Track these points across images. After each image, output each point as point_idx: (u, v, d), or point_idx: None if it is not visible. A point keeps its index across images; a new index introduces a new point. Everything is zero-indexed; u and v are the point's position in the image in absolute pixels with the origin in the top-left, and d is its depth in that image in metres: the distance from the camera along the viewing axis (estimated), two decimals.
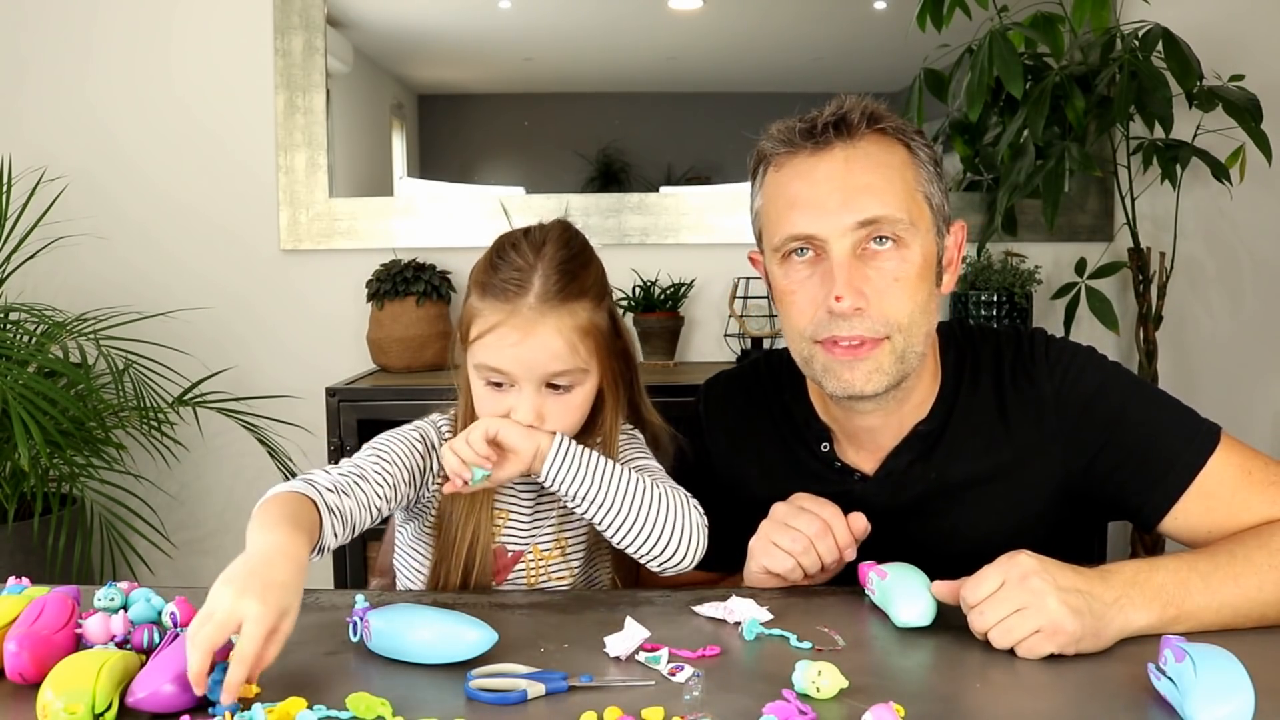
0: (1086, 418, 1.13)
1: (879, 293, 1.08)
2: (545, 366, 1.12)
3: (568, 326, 1.12)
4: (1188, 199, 2.31)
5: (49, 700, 0.77)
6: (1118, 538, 2.30)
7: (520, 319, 1.11)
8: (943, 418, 1.18)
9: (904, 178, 1.10)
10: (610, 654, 0.91)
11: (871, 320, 1.08)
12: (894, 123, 1.12)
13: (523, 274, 1.12)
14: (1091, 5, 2.09)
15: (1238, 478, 1.08)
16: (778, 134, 1.13)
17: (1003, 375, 1.17)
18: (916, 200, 1.10)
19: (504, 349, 1.12)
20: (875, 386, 1.10)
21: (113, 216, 2.44)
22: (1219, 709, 0.75)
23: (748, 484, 1.24)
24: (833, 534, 1.07)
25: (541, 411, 1.13)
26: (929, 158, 1.13)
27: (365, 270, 2.31)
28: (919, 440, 1.18)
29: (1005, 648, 0.90)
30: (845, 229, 1.07)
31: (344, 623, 0.96)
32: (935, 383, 1.19)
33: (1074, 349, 1.18)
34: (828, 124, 1.09)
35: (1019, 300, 2.25)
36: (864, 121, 1.09)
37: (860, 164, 1.09)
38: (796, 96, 2.51)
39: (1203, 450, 1.08)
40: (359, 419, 2.04)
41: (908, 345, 1.10)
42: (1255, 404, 2.47)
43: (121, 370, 2.18)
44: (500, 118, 2.56)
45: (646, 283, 2.36)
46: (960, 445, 1.17)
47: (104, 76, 2.44)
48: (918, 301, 1.09)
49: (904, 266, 1.08)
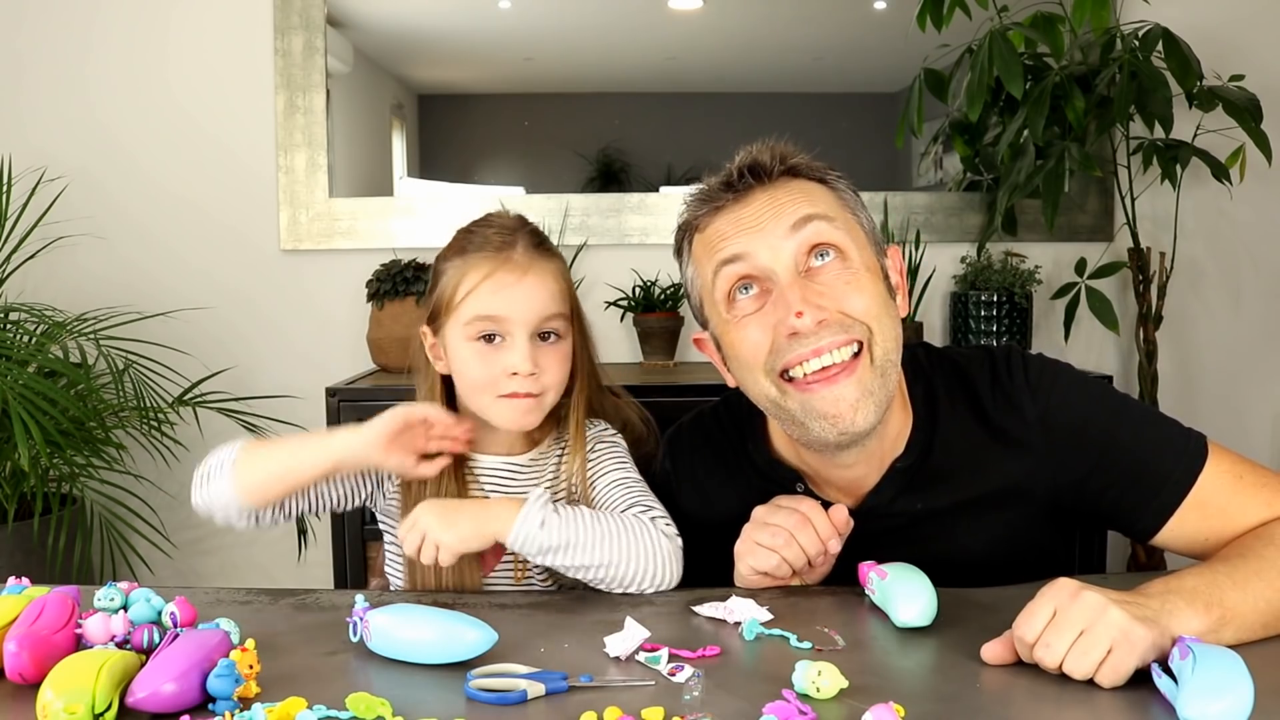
0: (1074, 441, 1.11)
1: (837, 298, 1.05)
2: (543, 307, 1.17)
3: (555, 273, 1.20)
4: (1188, 199, 2.31)
5: (49, 700, 0.77)
6: (1116, 552, 2.29)
7: (514, 264, 1.18)
8: (921, 451, 1.15)
9: (828, 202, 1.10)
10: (610, 654, 0.91)
11: (837, 325, 1.04)
12: (808, 164, 1.12)
13: (506, 231, 1.20)
14: (1091, 5, 2.09)
15: (1230, 485, 1.07)
16: (696, 197, 1.14)
17: (981, 400, 1.15)
18: (847, 218, 1.10)
19: (501, 292, 1.17)
20: (866, 415, 1.05)
21: (113, 216, 2.44)
22: (1213, 705, 0.75)
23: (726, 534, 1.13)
24: (812, 525, 1.07)
25: (538, 360, 1.17)
26: (851, 194, 1.14)
27: (365, 270, 2.31)
28: (899, 476, 1.15)
29: (1086, 676, 0.83)
30: (780, 242, 1.05)
31: (344, 623, 0.96)
32: (908, 416, 1.16)
33: (1054, 370, 1.15)
34: (743, 171, 1.10)
35: (1019, 300, 2.25)
36: (777, 162, 1.10)
37: (782, 195, 1.09)
38: (796, 96, 2.54)
39: (1194, 464, 1.08)
40: (359, 419, 2.02)
41: (885, 351, 1.06)
42: (1255, 404, 2.47)
43: (121, 370, 2.18)
44: (500, 118, 2.56)
45: (646, 283, 2.35)
46: (944, 475, 1.14)
47: (104, 76, 2.44)
48: (878, 299, 1.07)
49: (851, 272, 1.06)
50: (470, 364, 1.18)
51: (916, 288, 2.29)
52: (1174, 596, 0.89)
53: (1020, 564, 1.12)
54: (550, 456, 1.26)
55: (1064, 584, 0.88)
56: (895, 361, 1.09)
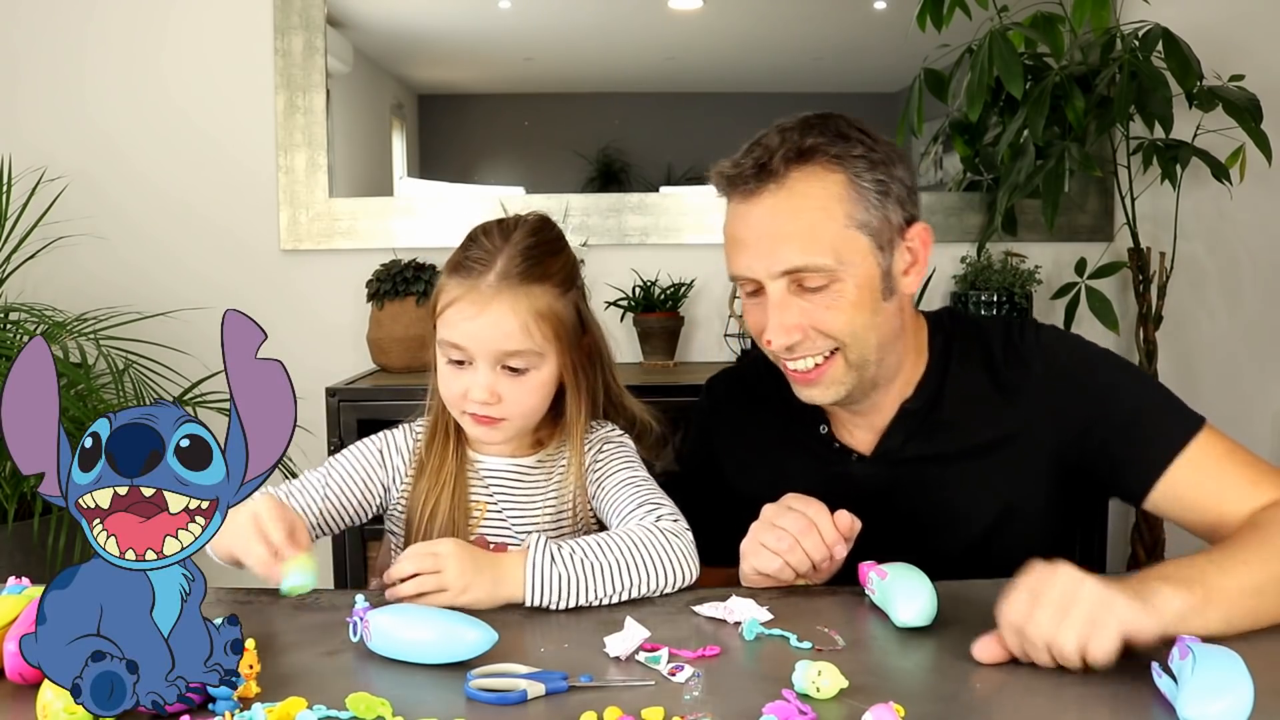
0: (1077, 393, 1.16)
1: (816, 320, 1.13)
2: (498, 344, 1.15)
3: (523, 308, 1.15)
4: (1188, 199, 2.31)
5: (49, 700, 0.77)
6: (1115, 551, 2.30)
7: (477, 294, 1.15)
8: (931, 396, 1.21)
9: (833, 216, 1.11)
10: (610, 654, 0.91)
11: (811, 344, 1.14)
12: (830, 151, 1.12)
13: (488, 254, 1.17)
14: (1091, 5, 2.09)
15: (1222, 457, 1.10)
16: (717, 175, 1.17)
17: (994, 356, 1.21)
18: (847, 235, 1.12)
19: (459, 323, 1.15)
20: (834, 397, 1.17)
21: (113, 216, 2.43)
22: (1213, 705, 0.75)
23: (753, 472, 1.27)
24: (818, 531, 1.07)
25: (497, 391, 1.16)
26: (874, 179, 1.12)
27: (365, 270, 2.31)
28: (910, 418, 1.21)
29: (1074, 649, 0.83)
30: (774, 274, 1.12)
31: (344, 623, 0.96)
32: (921, 364, 1.22)
33: (1063, 332, 1.23)
34: (749, 174, 1.13)
35: (1019, 300, 2.25)
36: (785, 164, 1.11)
37: (785, 210, 1.11)
38: (796, 96, 2.54)
39: (1190, 429, 1.11)
40: (359, 419, 2.04)
41: (860, 356, 1.15)
42: (1255, 404, 2.47)
43: (121, 370, 2.18)
44: (500, 118, 2.56)
45: (646, 283, 2.35)
46: (952, 421, 1.20)
47: (104, 77, 2.44)
48: (859, 320, 1.13)
49: (838, 299, 1.12)
50: (442, 377, 1.20)
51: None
52: (1154, 581, 0.91)
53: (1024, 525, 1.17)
54: (558, 459, 1.26)
55: (1038, 568, 0.90)
56: (874, 359, 1.16)
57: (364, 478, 1.24)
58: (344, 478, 1.23)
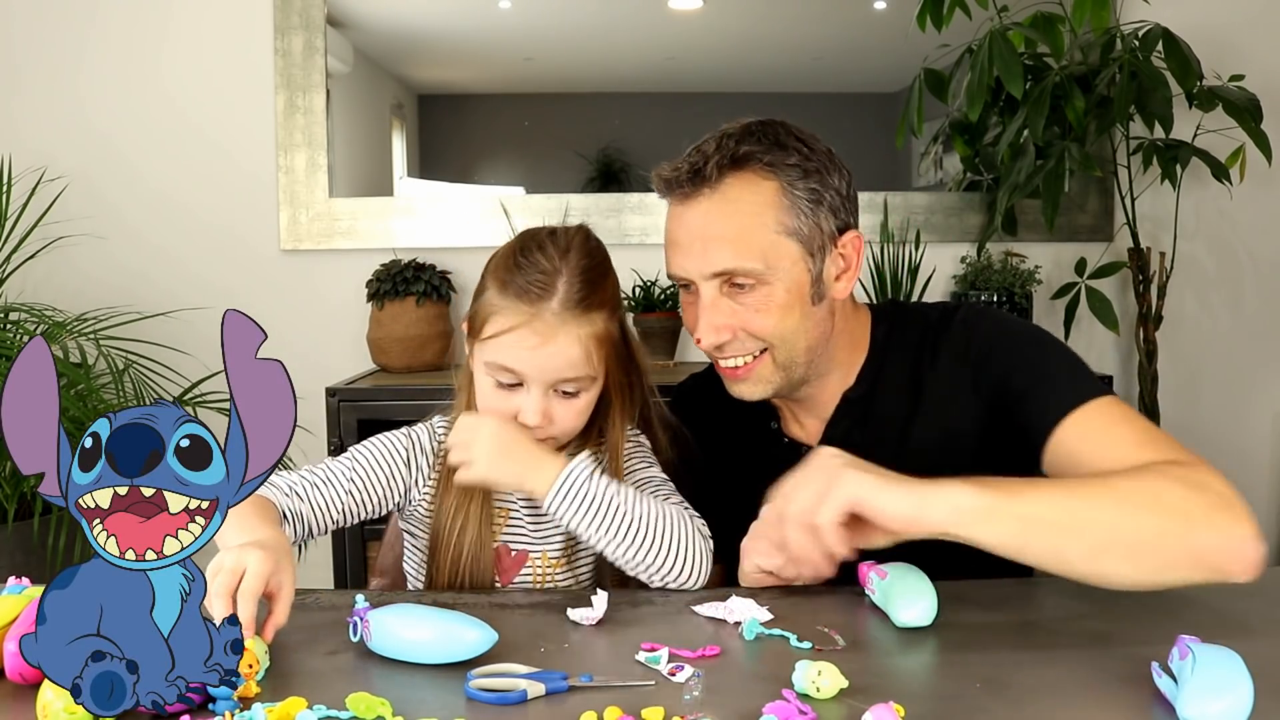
0: (987, 364, 1.18)
1: (745, 322, 1.16)
2: (560, 372, 1.13)
3: (586, 335, 1.13)
4: (1188, 199, 2.31)
5: (49, 700, 0.77)
6: None
7: (542, 324, 1.11)
8: (869, 383, 1.24)
9: (763, 222, 1.14)
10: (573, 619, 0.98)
11: (740, 344, 1.18)
12: (764, 159, 1.14)
13: (548, 277, 1.13)
14: (1091, 5, 2.09)
15: (1117, 421, 1.10)
16: (655, 177, 1.19)
17: (925, 341, 1.24)
18: (777, 241, 1.15)
19: (521, 351, 1.12)
20: (762, 394, 1.21)
21: (112, 217, 2.43)
22: (1213, 705, 0.75)
23: (721, 472, 1.29)
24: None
25: (549, 413, 1.14)
26: (807, 188, 1.15)
27: (365, 270, 2.31)
28: (851, 406, 1.25)
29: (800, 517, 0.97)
30: (705, 275, 1.15)
31: (344, 623, 0.96)
32: (862, 354, 1.26)
33: (984, 310, 1.28)
34: (684, 178, 1.15)
35: (1019, 300, 2.26)
36: (719, 170, 1.13)
37: (718, 214, 1.15)
38: (796, 96, 2.54)
39: (1085, 393, 1.12)
40: (359, 419, 2.04)
41: (788, 358, 1.19)
42: (1255, 404, 2.47)
43: (121, 370, 2.18)
44: (500, 118, 2.56)
45: (646, 283, 2.35)
46: (889, 407, 1.23)
47: (104, 77, 2.44)
48: (787, 325, 1.17)
49: (767, 302, 1.15)
50: (487, 395, 1.16)
51: (916, 288, 2.29)
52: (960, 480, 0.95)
53: None
54: None
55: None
56: (802, 360, 1.20)
57: (388, 475, 1.21)
58: (369, 473, 1.20)
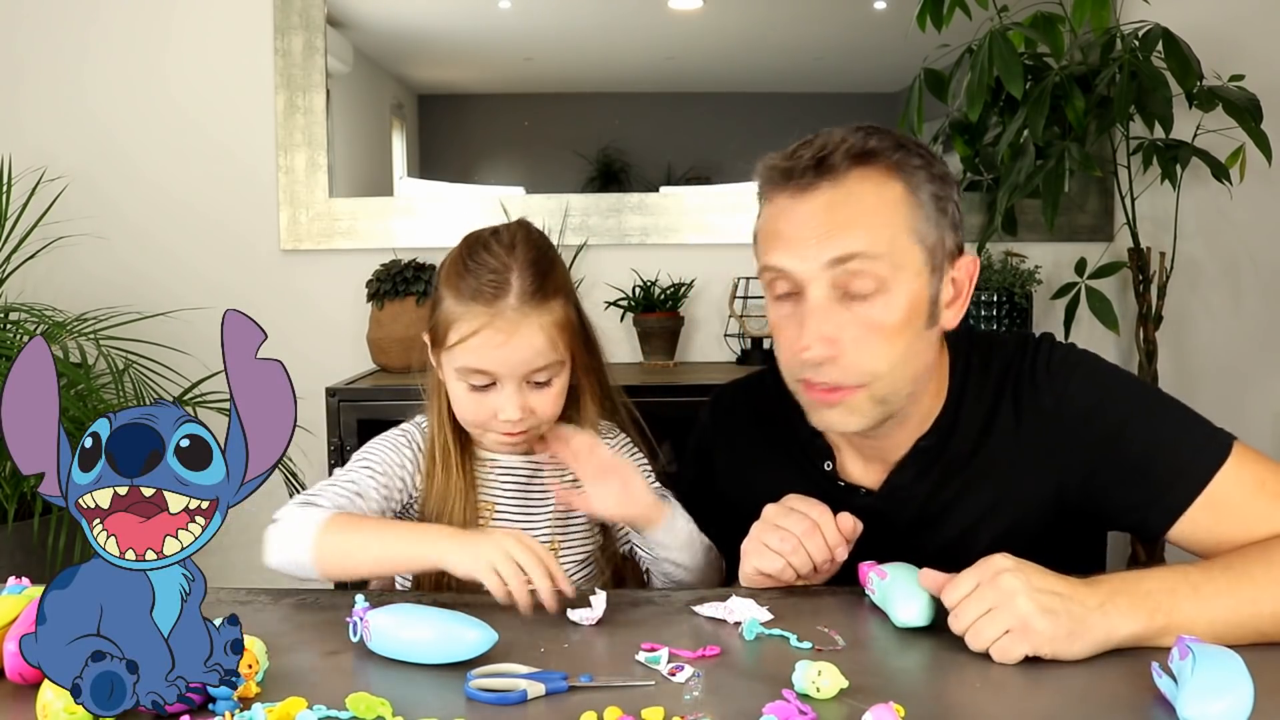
0: (1084, 431, 1.09)
1: (855, 341, 1.05)
2: (530, 364, 1.15)
3: (547, 323, 1.16)
4: (1188, 199, 2.31)
5: (49, 700, 0.77)
6: (1116, 549, 2.29)
7: (504, 321, 1.14)
8: (945, 432, 1.15)
9: (893, 216, 1.05)
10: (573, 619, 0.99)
11: (843, 370, 1.06)
12: (891, 157, 1.06)
13: (499, 275, 1.15)
14: (1091, 5, 2.09)
15: (1250, 489, 1.03)
16: (766, 168, 1.10)
17: (1005, 387, 1.14)
18: (905, 240, 1.05)
19: (488, 351, 1.14)
20: (853, 426, 1.09)
21: (113, 216, 2.43)
22: (1213, 705, 0.75)
23: (753, 498, 1.15)
24: (821, 533, 1.07)
25: (527, 405, 1.16)
26: (933, 194, 1.06)
27: (365, 270, 2.31)
28: (921, 455, 1.15)
29: (979, 650, 0.88)
30: (821, 267, 1.04)
31: (344, 623, 0.96)
32: (940, 398, 1.16)
33: (1076, 358, 1.14)
34: (807, 167, 1.05)
35: (1019, 300, 2.25)
36: (847, 162, 1.05)
37: (843, 202, 1.05)
38: (796, 96, 2.54)
39: (1212, 462, 1.04)
40: (359, 419, 2.04)
41: (891, 390, 1.08)
42: (1255, 404, 2.47)
43: (121, 370, 2.18)
44: (500, 118, 2.56)
45: (646, 283, 2.35)
46: (962, 459, 1.14)
47: (104, 77, 2.44)
48: (898, 349, 1.06)
49: (886, 313, 1.04)
50: (462, 401, 1.18)
51: None
52: (1122, 597, 0.90)
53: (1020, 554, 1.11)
54: None
55: (995, 562, 0.91)
56: (905, 391, 1.09)
57: (402, 477, 1.22)
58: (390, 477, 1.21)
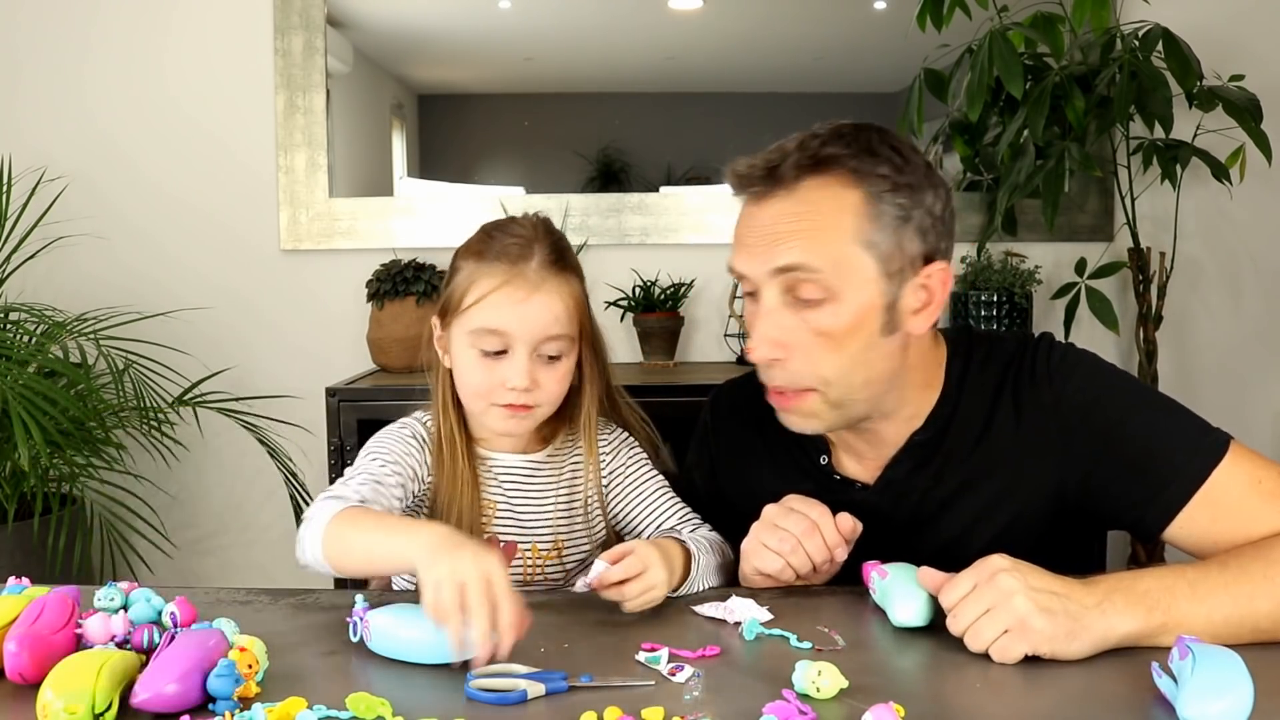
0: (1083, 428, 1.09)
1: (801, 345, 1.06)
2: (546, 328, 1.16)
3: (566, 293, 1.19)
4: (1188, 199, 2.31)
5: (49, 700, 0.77)
6: (1116, 549, 2.29)
7: (525, 280, 1.16)
8: (940, 426, 1.15)
9: (841, 228, 1.04)
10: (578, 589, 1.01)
11: (790, 374, 1.07)
12: (849, 164, 1.05)
13: (524, 241, 1.18)
14: (1091, 5, 2.09)
15: (1246, 488, 1.03)
16: (730, 174, 1.11)
17: (1004, 384, 1.14)
18: (852, 253, 1.04)
19: (507, 307, 1.16)
20: (811, 429, 1.12)
21: (113, 217, 2.43)
22: (1213, 705, 0.75)
23: (752, 494, 1.17)
24: (820, 533, 1.07)
25: (535, 377, 1.17)
26: (896, 202, 1.05)
27: (365, 270, 2.31)
28: (917, 449, 1.15)
29: (979, 650, 0.89)
30: (768, 274, 1.06)
31: (344, 623, 0.96)
32: (934, 393, 1.16)
33: (1076, 357, 1.14)
34: (761, 175, 1.07)
35: (1019, 300, 2.25)
36: (796, 171, 1.05)
37: (790, 214, 1.05)
38: (796, 96, 2.54)
39: (1208, 461, 1.04)
40: (359, 419, 2.04)
41: (845, 395, 1.08)
42: (1255, 404, 2.47)
43: (121, 370, 2.18)
44: (500, 118, 2.56)
45: (646, 283, 2.35)
46: (958, 453, 1.14)
47: (104, 77, 2.44)
48: (845, 357, 1.06)
49: (833, 320, 1.05)
50: (470, 370, 1.19)
51: None
52: (1120, 595, 0.90)
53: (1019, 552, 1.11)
54: (564, 454, 1.27)
55: (992, 562, 0.92)
56: (861, 397, 1.10)
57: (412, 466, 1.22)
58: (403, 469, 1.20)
